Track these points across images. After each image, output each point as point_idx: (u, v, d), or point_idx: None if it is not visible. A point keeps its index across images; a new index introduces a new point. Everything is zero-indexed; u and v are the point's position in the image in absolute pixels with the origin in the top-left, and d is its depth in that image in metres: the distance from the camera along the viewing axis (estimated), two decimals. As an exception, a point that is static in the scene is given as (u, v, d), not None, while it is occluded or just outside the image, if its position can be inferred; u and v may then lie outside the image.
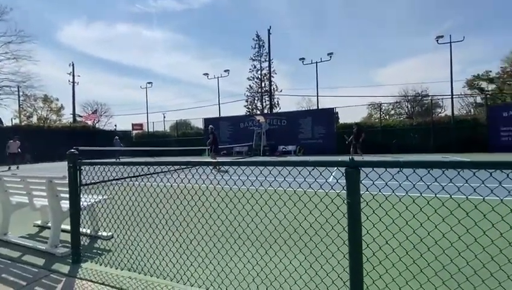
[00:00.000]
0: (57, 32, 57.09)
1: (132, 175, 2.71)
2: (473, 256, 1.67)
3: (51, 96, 38.53)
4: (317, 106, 25.24)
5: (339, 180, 1.67)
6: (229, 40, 65.18)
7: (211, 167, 10.48)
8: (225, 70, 27.73)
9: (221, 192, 2.33)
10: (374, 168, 1.61)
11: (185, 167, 2.30)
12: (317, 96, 25.19)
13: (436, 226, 1.65)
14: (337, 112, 21.28)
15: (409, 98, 34.20)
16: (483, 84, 30.16)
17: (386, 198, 1.72)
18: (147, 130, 29.77)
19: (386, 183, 1.66)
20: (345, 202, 1.64)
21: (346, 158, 1.61)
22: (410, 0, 52.90)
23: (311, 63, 24.98)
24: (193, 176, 2.13)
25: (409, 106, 34.58)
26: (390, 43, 55.80)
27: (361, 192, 1.58)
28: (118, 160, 17.69)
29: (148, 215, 2.57)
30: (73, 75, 31.34)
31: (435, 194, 1.52)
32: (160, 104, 75.68)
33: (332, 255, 1.93)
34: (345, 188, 1.61)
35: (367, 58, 60.42)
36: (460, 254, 1.69)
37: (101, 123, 39.66)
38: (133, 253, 2.58)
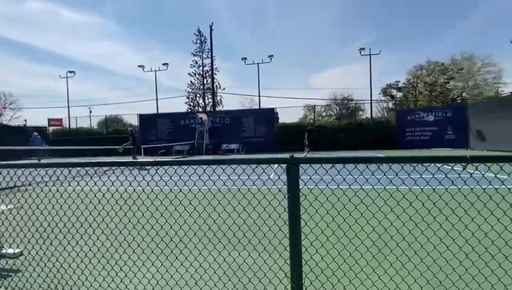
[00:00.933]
0: None
1: (48, 178, 2.26)
2: (389, 237, 1.97)
3: None
4: (259, 106, 26.03)
5: (280, 177, 1.74)
6: (167, 33, 61.54)
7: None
8: (164, 64, 26.09)
9: (160, 194, 2.16)
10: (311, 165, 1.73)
11: (116, 167, 2.05)
12: (259, 96, 26.00)
13: (362, 214, 1.87)
14: (278, 112, 22.38)
15: (337, 101, 38.40)
16: (394, 92, 36.17)
17: (322, 191, 1.87)
18: (67, 126, 25.66)
19: (321, 178, 1.82)
20: (286, 196, 1.72)
21: (285, 155, 1.69)
22: (336, 14, 59.39)
23: (253, 63, 25.59)
24: (126, 178, 1.92)
25: (337, 109, 38.83)
26: (323, 52, 61.70)
27: (300, 187, 1.69)
28: (38, 161, 14.68)
29: (70, 225, 2.20)
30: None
31: (361, 186, 1.73)
32: (85, 97, 66.10)
33: (275, 249, 2.00)
34: (286, 183, 1.69)
35: (304, 64, 65.37)
36: (381, 237, 1.97)
37: (5, 117, 32.37)
38: (49, 272, 2.17)
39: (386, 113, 34.03)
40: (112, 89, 63.88)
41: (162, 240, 2.13)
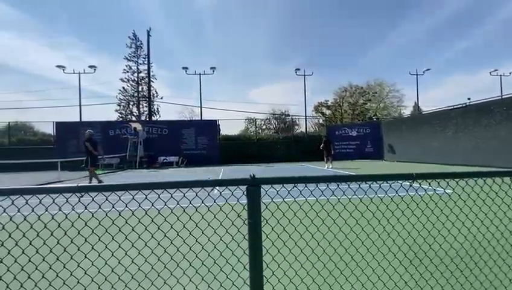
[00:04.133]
0: None
1: None
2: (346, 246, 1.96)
3: None
4: (201, 117, 25.33)
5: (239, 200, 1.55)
6: (91, 33, 55.09)
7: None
8: (90, 66, 23.01)
9: (92, 220, 1.68)
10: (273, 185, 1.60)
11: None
12: (201, 107, 25.35)
13: (324, 236, 1.81)
14: (219, 124, 22.14)
15: (276, 116, 40.66)
16: (324, 110, 40.43)
17: (284, 214, 1.75)
18: None
19: (284, 200, 1.70)
20: (246, 222, 1.53)
21: (230, 168, 1.52)
22: (269, 34, 64.09)
23: (195, 74, 24.95)
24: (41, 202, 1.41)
25: (276, 123, 41.04)
26: (260, 68, 65.06)
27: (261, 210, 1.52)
28: None
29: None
30: None
31: (322, 206, 1.67)
32: (-25, 99, 52.47)
33: (233, 284, 1.76)
34: (245, 207, 1.51)
35: (243, 78, 67.48)
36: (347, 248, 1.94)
37: None
38: None
39: (317, 128, 37.57)
40: (15, 91, 52.86)
41: (104, 277, 1.64)
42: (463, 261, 2.01)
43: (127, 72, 32.25)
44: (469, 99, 18.79)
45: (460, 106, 14.48)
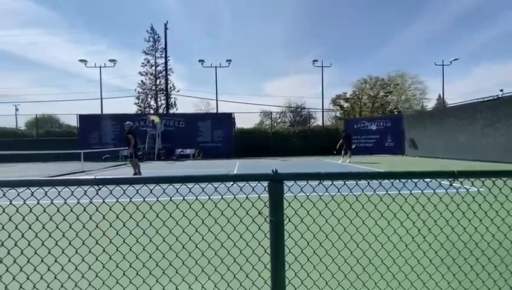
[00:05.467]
0: None
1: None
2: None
3: None
4: (217, 110, 25.44)
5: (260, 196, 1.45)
6: (113, 28, 56.48)
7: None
8: (110, 60, 23.65)
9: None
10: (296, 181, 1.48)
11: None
12: (217, 100, 25.41)
13: (351, 237, 1.68)
14: (235, 117, 22.13)
15: (291, 109, 40.03)
16: (342, 103, 39.27)
17: (308, 212, 1.63)
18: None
19: (308, 197, 1.59)
20: (267, 220, 1.44)
21: (245, 161, 1.41)
22: (287, 26, 62.62)
23: (211, 66, 24.95)
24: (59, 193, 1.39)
25: (291, 116, 40.44)
26: (277, 61, 64.07)
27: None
28: None
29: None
30: None
31: (350, 205, 1.54)
32: (9, 93, 56.01)
33: (253, 284, 1.68)
34: (267, 204, 1.41)
35: (259, 71, 66.83)
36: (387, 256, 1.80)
37: None
38: None
39: (335, 122, 36.66)
40: (43, 85, 55.60)
41: (130, 266, 1.62)
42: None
43: (145, 65, 32.86)
44: (501, 90, 17.47)
45: (492, 98, 13.48)
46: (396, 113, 30.71)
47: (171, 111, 29.89)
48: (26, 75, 54.31)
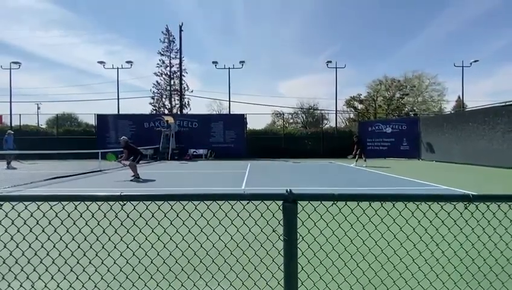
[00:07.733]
0: None
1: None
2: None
3: None
4: (229, 111, 25.65)
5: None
6: (130, 28, 58.09)
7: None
8: (127, 62, 24.33)
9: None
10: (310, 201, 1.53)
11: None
12: (229, 101, 25.62)
13: (363, 257, 1.71)
14: (246, 118, 22.25)
15: (304, 110, 39.68)
16: (356, 104, 38.53)
17: (321, 231, 1.68)
18: (9, 123, 22.39)
19: (321, 217, 1.63)
20: (281, 238, 1.50)
21: (256, 163, 1.47)
22: (301, 25, 62.06)
23: (224, 68, 25.18)
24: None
25: (304, 117, 40.09)
26: (290, 60, 63.68)
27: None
28: (9, 167, 12.25)
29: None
30: None
31: (363, 226, 1.57)
32: (32, 92, 58.84)
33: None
34: (281, 222, 1.47)
35: (271, 71, 66.64)
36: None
37: None
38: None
39: (348, 123, 36.08)
40: (64, 85, 57.98)
41: (145, 269, 1.74)
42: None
43: (160, 66, 33.60)
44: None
45: (516, 102, 12.86)
46: (412, 115, 29.83)
47: (185, 111, 30.43)
48: (47, 74, 56.74)
